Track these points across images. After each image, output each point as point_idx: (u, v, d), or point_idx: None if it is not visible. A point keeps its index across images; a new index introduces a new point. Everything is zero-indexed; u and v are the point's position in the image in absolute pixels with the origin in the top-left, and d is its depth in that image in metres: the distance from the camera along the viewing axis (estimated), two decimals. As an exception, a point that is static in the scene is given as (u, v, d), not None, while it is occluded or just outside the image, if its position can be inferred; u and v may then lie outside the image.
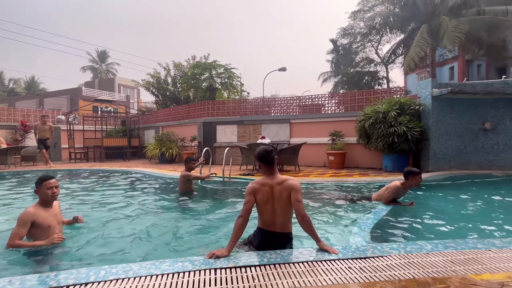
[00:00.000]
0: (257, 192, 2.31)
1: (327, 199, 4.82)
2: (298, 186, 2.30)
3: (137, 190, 6.15)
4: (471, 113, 7.26)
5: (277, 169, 2.43)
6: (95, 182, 7.13)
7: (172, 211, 4.33)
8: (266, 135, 9.92)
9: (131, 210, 4.30)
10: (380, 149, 7.34)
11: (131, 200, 5.01)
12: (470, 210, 4.12)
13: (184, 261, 2.05)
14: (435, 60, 18.12)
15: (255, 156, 2.46)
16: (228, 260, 2.07)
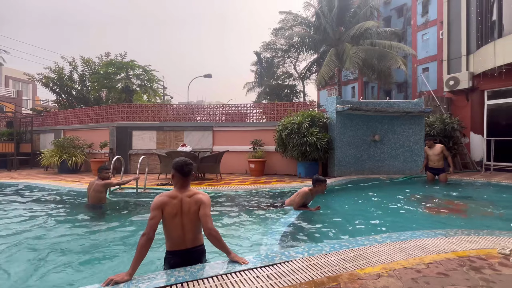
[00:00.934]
0: (166, 205, 2.16)
1: (245, 206, 4.92)
2: (207, 200, 2.26)
3: (24, 209, 5.04)
4: (365, 126, 8.63)
5: (190, 182, 2.35)
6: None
7: (71, 230, 3.70)
8: (188, 143, 9.61)
9: (20, 231, 3.49)
10: (295, 157, 7.98)
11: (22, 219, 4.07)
12: (363, 209, 4.82)
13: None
14: (341, 80, 20.97)
15: (173, 165, 2.31)
16: (129, 284, 1.86)
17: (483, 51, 9.53)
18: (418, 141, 8.62)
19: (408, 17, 22.17)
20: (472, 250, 2.59)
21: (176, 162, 2.31)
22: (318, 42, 18.07)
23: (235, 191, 6.04)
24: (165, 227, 2.21)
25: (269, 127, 9.45)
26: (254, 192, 6.03)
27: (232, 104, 10.87)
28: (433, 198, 5.81)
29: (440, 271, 2.16)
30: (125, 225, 3.96)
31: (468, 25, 10.54)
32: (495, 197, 6.00)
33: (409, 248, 2.64)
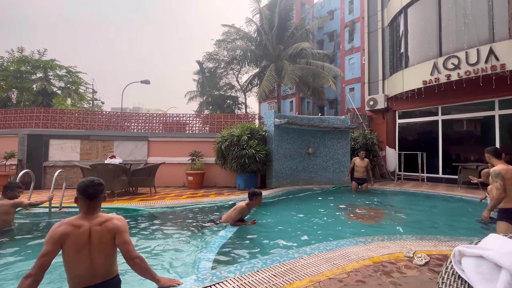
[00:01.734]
0: (67, 237, 1.76)
1: (179, 223, 4.66)
2: (123, 225, 1.96)
3: None
4: (300, 140, 9.19)
5: (100, 206, 1.97)
6: None
7: None
8: (119, 154, 8.79)
9: None
10: (234, 169, 7.98)
11: None
12: (298, 220, 5.04)
13: None
14: (281, 94, 22.12)
15: (77, 186, 1.93)
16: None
17: (394, 77, 11.21)
18: (345, 154, 9.54)
19: (338, 42, 24.85)
20: (385, 255, 2.91)
21: (81, 182, 1.93)
22: (259, 57, 18.80)
23: (170, 207, 5.70)
24: (67, 263, 1.80)
25: (209, 138, 9.31)
26: (190, 207, 5.78)
27: (171, 113, 10.42)
28: (358, 207, 6.43)
29: (358, 279, 2.35)
30: (27, 254, 3.33)
31: (383, 55, 12.31)
32: (404, 203, 6.96)
33: (334, 258, 2.83)
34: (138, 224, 4.52)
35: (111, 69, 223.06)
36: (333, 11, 25.35)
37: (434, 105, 10.44)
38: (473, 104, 9.58)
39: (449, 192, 7.82)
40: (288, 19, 17.20)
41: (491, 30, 8.21)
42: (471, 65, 8.26)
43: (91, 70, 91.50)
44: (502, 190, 3.32)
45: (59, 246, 1.74)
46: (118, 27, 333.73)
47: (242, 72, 27.53)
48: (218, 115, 10.20)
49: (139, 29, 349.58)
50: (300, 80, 17.34)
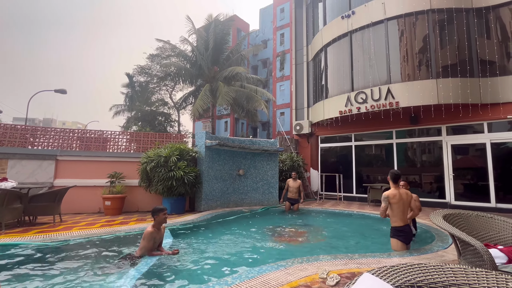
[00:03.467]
0: None
1: (86, 260, 4.02)
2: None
3: None
4: (232, 161, 9.24)
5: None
6: None
7: None
8: (14, 175, 7.32)
9: None
10: (160, 192, 7.46)
11: None
12: (223, 247, 4.90)
13: None
14: (215, 114, 22.16)
15: None
16: None
17: (317, 106, 12.47)
18: (274, 175, 9.95)
19: (270, 69, 26.64)
20: (302, 278, 3.03)
21: None
22: (195, 76, 18.67)
23: (77, 239, 4.90)
24: None
25: (134, 158, 8.56)
26: (104, 238, 5.08)
27: (92, 129, 9.28)
28: (284, 228, 6.66)
29: (275, 307, 2.36)
30: None
31: (308, 85, 13.66)
32: (324, 223, 7.54)
33: (254, 286, 2.80)
34: (31, 263, 3.72)
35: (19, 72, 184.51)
36: (267, 41, 27.32)
37: (349, 132, 11.92)
38: (378, 133, 11.30)
39: (361, 210, 8.83)
40: (224, 42, 17.73)
41: (388, 73, 9.98)
42: (375, 100, 9.81)
43: None
44: (382, 211, 4.12)
45: None
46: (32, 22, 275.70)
47: (176, 89, 26.83)
48: (146, 134, 9.54)
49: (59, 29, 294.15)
50: (234, 102, 17.76)
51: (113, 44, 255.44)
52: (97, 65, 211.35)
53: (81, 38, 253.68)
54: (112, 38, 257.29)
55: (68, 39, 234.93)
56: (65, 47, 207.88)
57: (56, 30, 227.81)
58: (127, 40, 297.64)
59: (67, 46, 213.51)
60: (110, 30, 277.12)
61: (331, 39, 11.81)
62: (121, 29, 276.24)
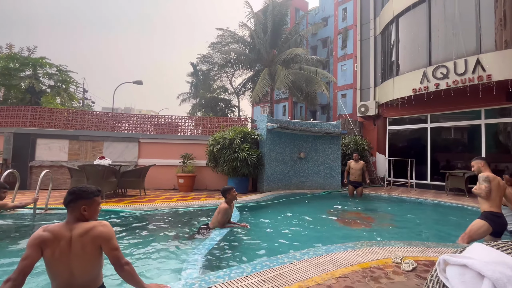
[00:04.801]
0: (47, 245, 1.68)
1: (167, 227, 4.61)
2: (109, 232, 1.82)
3: None
4: (292, 144, 9.24)
5: (81, 215, 1.83)
6: None
7: None
8: (108, 155, 8.65)
9: None
10: (225, 172, 7.96)
11: None
12: (288, 225, 5.05)
13: None
14: (274, 98, 22.25)
15: None
16: None
17: (385, 85, 11.42)
18: (336, 159, 9.63)
19: (331, 48, 25.21)
20: (373, 261, 2.94)
21: (69, 190, 1.88)
22: (253, 61, 18.89)
23: (159, 210, 5.63)
24: (48, 269, 1.73)
25: (202, 141, 9.26)
26: (181, 210, 5.72)
27: (163, 115, 10.33)
28: (348, 212, 6.48)
29: (347, 284, 2.37)
30: (12, 258, 3.23)
31: (375, 62, 12.54)
32: (393, 210, 7.06)
33: (323, 263, 2.84)
34: (125, 228, 4.45)
35: (103, 69, 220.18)
36: (327, 18, 25.72)
37: (424, 113, 10.67)
38: (461, 113, 9.83)
39: (437, 198, 7.98)
40: (282, 24, 17.33)
41: (478, 42, 8.47)
42: (459, 75, 8.49)
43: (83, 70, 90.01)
44: (486, 192, 3.54)
45: (39, 251, 1.67)
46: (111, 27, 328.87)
47: (236, 75, 27.55)
48: (211, 118, 10.16)
49: (133, 29, 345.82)
50: (293, 85, 17.49)
51: (180, 37, 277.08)
52: (167, 58, 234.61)
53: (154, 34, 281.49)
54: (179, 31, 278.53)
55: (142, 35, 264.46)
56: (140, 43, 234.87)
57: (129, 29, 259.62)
58: (192, 32, 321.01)
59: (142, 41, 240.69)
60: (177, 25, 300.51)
61: (404, 8, 10.51)
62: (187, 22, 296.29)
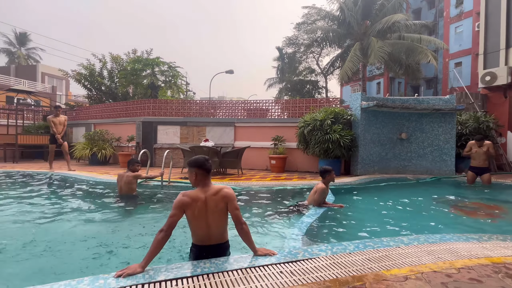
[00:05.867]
0: (188, 207, 2.13)
1: (265, 203, 4.95)
2: (233, 194, 2.26)
3: (62, 197, 5.41)
4: (391, 124, 8.33)
5: (210, 178, 2.30)
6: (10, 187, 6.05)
7: (104, 219, 3.92)
8: (210, 138, 9.78)
9: (56, 219, 3.78)
10: (316, 154, 7.88)
11: (58, 208, 4.40)
12: (389, 209, 4.69)
13: (107, 278, 1.86)
14: (366, 75, 20.32)
15: (192, 163, 2.27)
16: (158, 272, 1.94)
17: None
18: (449, 140, 8.19)
19: (440, 8, 20.95)
20: (509, 256, 2.45)
21: (197, 159, 2.27)
22: (342, 37, 17.58)
23: (256, 187, 6.09)
24: (190, 224, 2.22)
25: (291, 123, 9.40)
26: (275, 189, 6.05)
27: (253, 100, 10.90)
28: (464, 200, 5.52)
29: (472, 277, 2.07)
30: (151, 216, 4.13)
31: (509, 17, 9.78)
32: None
33: (438, 251, 2.55)
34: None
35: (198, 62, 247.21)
36: (435, -28, 21.39)
37: None
38: None
39: None
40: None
41: None
42: None
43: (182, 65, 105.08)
44: None
45: (182, 211, 2.13)
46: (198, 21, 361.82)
47: (323, 54, 26.29)
48: (298, 100, 10.12)
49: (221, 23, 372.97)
50: (390, 58, 15.52)
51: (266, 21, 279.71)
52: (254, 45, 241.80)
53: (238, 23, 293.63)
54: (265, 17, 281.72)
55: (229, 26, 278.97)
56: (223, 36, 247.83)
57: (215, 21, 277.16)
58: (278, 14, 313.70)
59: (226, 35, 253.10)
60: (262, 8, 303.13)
61: None
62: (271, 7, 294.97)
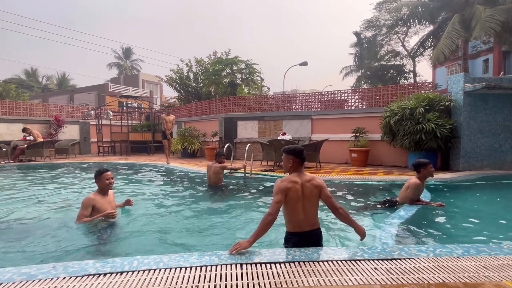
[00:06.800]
0: (289, 190, 2.27)
1: (348, 198, 4.74)
2: (324, 183, 2.38)
3: (167, 185, 6.43)
4: (507, 110, 6.80)
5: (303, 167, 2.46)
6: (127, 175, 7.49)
7: (200, 205, 4.47)
8: (287, 131, 9.88)
9: (162, 203, 4.53)
10: (406, 146, 7.08)
11: (163, 194, 5.26)
12: (505, 213, 3.89)
13: (211, 255, 2.12)
14: (468, 52, 17.05)
15: (290, 151, 2.43)
16: (252, 256, 2.11)
17: None
18: None
19: None
20: None
21: (295, 148, 2.45)
22: (436, 10, 15.14)
23: (337, 181, 5.89)
24: (286, 210, 2.33)
25: (373, 113, 8.67)
26: (357, 183, 5.73)
27: (329, 91, 10.47)
28: None
29: None
30: (238, 203, 4.48)
31: None
32: None
33: None
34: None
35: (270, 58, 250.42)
36: None
37: None
38: None
39: None
40: None
41: None
42: None
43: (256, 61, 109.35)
44: None
45: (284, 195, 2.26)
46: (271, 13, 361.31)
47: (410, 34, 23.21)
48: (381, 88, 9.22)
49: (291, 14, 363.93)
50: (503, 28, 12.61)
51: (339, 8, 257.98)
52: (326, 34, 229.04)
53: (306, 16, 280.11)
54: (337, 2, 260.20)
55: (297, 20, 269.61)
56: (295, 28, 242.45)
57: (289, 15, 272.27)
58: None
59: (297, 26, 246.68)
60: None
61: None
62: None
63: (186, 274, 1.86)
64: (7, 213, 3.93)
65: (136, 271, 1.88)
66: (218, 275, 1.84)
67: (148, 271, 1.88)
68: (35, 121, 12.81)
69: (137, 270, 1.89)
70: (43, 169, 8.69)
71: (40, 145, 10.54)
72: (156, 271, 1.89)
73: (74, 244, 2.83)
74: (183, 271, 1.89)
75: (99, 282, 1.75)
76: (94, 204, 3.22)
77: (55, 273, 1.84)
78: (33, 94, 35.60)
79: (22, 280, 1.75)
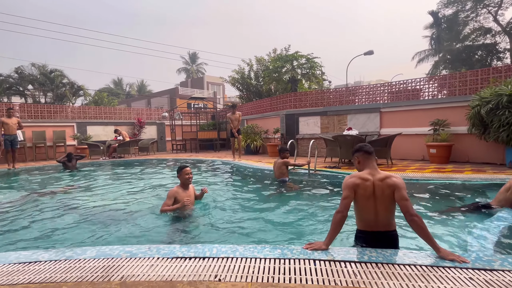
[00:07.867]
0: (358, 187, 2.16)
1: (427, 198, 4.26)
2: (402, 183, 2.14)
3: (234, 180, 6.83)
4: None
5: (375, 163, 2.30)
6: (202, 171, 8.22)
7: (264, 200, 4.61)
8: (352, 126, 9.36)
9: (235, 197, 4.84)
10: (502, 140, 5.96)
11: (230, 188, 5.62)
12: None
13: (283, 248, 2.17)
14: None
15: (352, 151, 2.39)
16: (326, 253, 2.08)
17: None
18: None
19: None
20: None
21: (360, 145, 2.38)
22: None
23: (413, 180, 5.33)
24: (357, 207, 2.25)
25: (456, 103, 7.55)
26: (438, 182, 5.09)
27: (400, 80, 9.48)
28: None
29: None
30: (302, 199, 4.46)
31: None
32: None
33: None
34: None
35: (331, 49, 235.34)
36: None
37: None
38: None
39: None
40: None
41: None
42: None
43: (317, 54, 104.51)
44: None
45: (353, 192, 2.18)
46: None
47: (505, 4, 19.40)
48: (467, 73, 7.93)
49: None
50: None
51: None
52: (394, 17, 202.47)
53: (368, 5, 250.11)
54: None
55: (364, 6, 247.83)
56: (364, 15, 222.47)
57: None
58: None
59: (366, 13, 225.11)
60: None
61: None
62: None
63: (261, 264, 1.94)
64: (109, 201, 4.72)
65: (216, 258, 2.04)
66: (292, 269, 1.87)
67: (226, 258, 2.03)
68: (123, 123, 14.90)
69: (216, 257, 2.06)
70: (140, 165, 10.10)
71: (127, 144, 12.26)
72: (234, 259, 2.02)
73: (157, 229, 3.25)
74: (258, 262, 1.98)
75: (186, 264, 1.97)
76: (176, 196, 3.60)
77: (151, 253, 2.13)
78: (119, 100, 41.51)
79: (127, 256, 2.09)
